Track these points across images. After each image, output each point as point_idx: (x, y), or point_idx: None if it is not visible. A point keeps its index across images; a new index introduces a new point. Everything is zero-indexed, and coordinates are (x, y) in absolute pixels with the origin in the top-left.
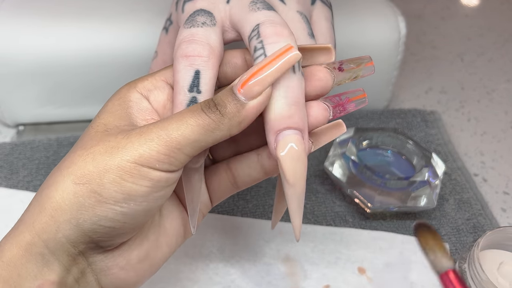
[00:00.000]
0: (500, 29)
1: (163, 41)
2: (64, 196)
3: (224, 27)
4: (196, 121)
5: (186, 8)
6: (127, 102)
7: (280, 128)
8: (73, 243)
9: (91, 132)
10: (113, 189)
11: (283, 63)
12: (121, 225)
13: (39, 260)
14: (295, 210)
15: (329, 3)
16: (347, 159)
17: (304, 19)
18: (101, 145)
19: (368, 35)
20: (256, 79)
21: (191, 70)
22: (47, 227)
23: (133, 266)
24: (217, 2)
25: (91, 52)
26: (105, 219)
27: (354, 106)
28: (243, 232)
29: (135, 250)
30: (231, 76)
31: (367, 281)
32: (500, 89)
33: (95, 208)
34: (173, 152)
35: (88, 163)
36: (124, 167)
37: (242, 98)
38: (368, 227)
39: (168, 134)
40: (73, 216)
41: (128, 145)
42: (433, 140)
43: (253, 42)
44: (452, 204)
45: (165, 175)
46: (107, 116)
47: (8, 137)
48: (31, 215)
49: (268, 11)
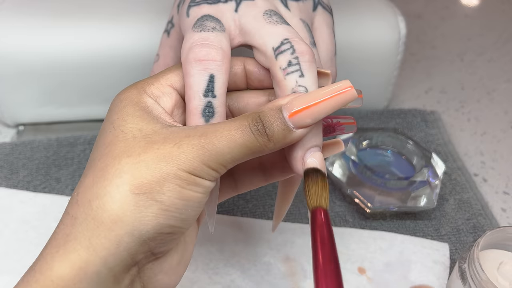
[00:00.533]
0: (500, 29)
1: (164, 44)
2: (124, 207)
3: (230, 35)
4: (245, 142)
5: (191, 12)
6: (146, 107)
7: (310, 146)
8: (133, 255)
9: (127, 137)
10: (173, 197)
11: (340, 100)
12: (178, 230)
13: (94, 278)
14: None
15: (330, 9)
16: (347, 159)
17: (306, 27)
18: (150, 152)
19: (368, 35)
20: (310, 112)
21: (206, 74)
22: (106, 242)
23: (174, 270)
24: (224, 11)
25: (91, 52)
26: (167, 226)
27: (344, 131)
28: (243, 232)
29: (176, 254)
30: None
31: (367, 281)
32: (500, 89)
33: (159, 217)
34: (219, 167)
35: (143, 171)
36: (181, 176)
37: (291, 125)
38: (368, 227)
39: (219, 151)
40: (135, 228)
41: (181, 156)
42: (433, 140)
43: (286, 56)
44: (452, 204)
45: (210, 183)
46: (137, 121)
47: (8, 137)
48: (83, 230)
49: (288, 26)
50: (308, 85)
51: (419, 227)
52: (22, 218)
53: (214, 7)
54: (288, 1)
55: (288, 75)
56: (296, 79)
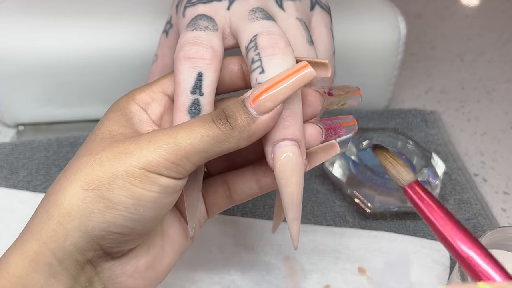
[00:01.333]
0: (500, 29)
1: (163, 44)
2: (72, 202)
3: (224, 33)
4: (206, 131)
5: (187, 13)
6: (128, 113)
7: (277, 139)
8: (81, 251)
9: (95, 138)
10: (122, 195)
11: (298, 80)
12: (130, 231)
13: (46, 270)
14: (293, 220)
15: (328, 8)
16: (347, 159)
17: (303, 25)
18: (108, 150)
19: (368, 35)
20: (268, 94)
21: (194, 72)
22: (55, 235)
23: (141, 274)
24: (218, 9)
25: (91, 52)
26: (114, 225)
27: (345, 132)
28: (243, 232)
29: (143, 257)
30: (227, 82)
31: (367, 281)
32: (500, 89)
33: (105, 214)
34: (181, 160)
35: (95, 168)
36: (133, 173)
37: (254, 112)
38: (368, 227)
39: (177, 142)
40: (82, 223)
41: (137, 151)
42: (433, 140)
43: (250, 54)
44: (452, 204)
45: (172, 182)
46: (111, 124)
47: (8, 137)
48: (37, 223)
49: (266, 21)
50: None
51: (419, 227)
52: (22, 218)
53: (208, 6)
54: (283, 1)
55: (251, 73)
56: (256, 76)
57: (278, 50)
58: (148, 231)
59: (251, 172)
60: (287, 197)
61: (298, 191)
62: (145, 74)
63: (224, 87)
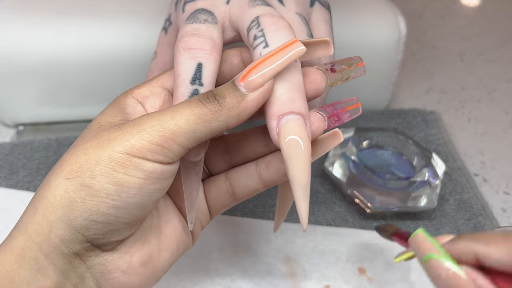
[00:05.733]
0: (500, 29)
1: (162, 41)
2: (55, 193)
3: (224, 27)
4: (192, 111)
5: (186, 8)
6: (122, 104)
7: (283, 112)
8: (66, 243)
9: (85, 132)
10: (104, 181)
11: (288, 56)
12: (114, 219)
13: (33, 265)
14: (301, 198)
15: (328, 5)
16: (347, 159)
17: (303, 20)
18: (93, 140)
19: (368, 35)
20: (258, 70)
21: (194, 62)
22: (40, 228)
23: (135, 270)
24: (217, 3)
25: (91, 52)
26: (96, 213)
27: (349, 116)
28: (243, 232)
29: (136, 253)
30: (228, 74)
31: (368, 282)
32: (501, 89)
33: (86, 202)
34: (166, 142)
35: (79, 158)
36: (116, 159)
37: (243, 89)
38: (368, 227)
39: (161, 124)
40: (64, 213)
41: (120, 136)
42: (433, 140)
43: (252, 31)
44: (452, 204)
45: (159, 167)
46: (101, 116)
47: (8, 137)
48: (24, 218)
49: (266, 7)
50: None
51: (419, 227)
52: None
53: (208, 1)
54: None
55: (254, 49)
56: (260, 51)
57: (282, 28)
58: (136, 219)
59: (254, 167)
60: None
61: (305, 168)
62: (145, 73)
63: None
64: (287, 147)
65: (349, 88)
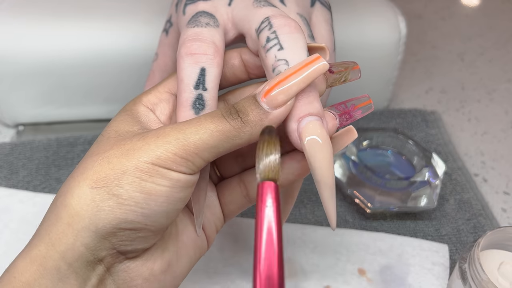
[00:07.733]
0: (500, 29)
1: (163, 43)
2: (81, 202)
3: (226, 29)
4: (216, 126)
5: (187, 10)
6: (135, 113)
7: (302, 115)
8: (92, 250)
9: (102, 139)
10: (132, 190)
11: (311, 73)
12: (142, 227)
13: (54, 274)
14: (329, 198)
15: (328, 5)
16: (347, 159)
17: (304, 21)
18: (116, 148)
19: (368, 35)
20: (281, 89)
21: (197, 67)
22: (64, 236)
23: (156, 277)
24: (218, 6)
25: (91, 52)
26: (125, 221)
27: (361, 113)
28: (243, 232)
29: (158, 261)
30: (229, 76)
31: (367, 282)
32: (501, 89)
33: (115, 211)
34: (190, 156)
35: (103, 166)
36: (142, 168)
37: (266, 106)
38: (368, 227)
39: (186, 137)
40: (91, 222)
41: (145, 147)
42: (433, 140)
43: (264, 33)
44: (452, 204)
45: (183, 177)
46: (117, 124)
47: (8, 137)
48: (46, 226)
49: (273, 8)
50: (289, 57)
51: (419, 227)
52: (22, 218)
53: (209, 3)
54: None
55: (268, 52)
56: (275, 54)
57: (294, 29)
58: (162, 227)
59: None
60: (322, 176)
61: (330, 167)
62: (145, 74)
63: (227, 82)
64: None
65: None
